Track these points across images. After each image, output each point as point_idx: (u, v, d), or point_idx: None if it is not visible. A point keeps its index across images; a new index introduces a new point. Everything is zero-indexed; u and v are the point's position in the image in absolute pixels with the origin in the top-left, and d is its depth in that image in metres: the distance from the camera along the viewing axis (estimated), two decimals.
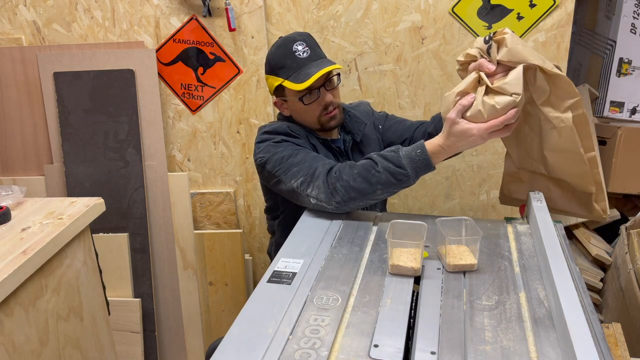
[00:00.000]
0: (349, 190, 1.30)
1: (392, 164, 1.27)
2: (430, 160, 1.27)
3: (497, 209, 2.18)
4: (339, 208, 1.33)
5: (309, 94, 1.46)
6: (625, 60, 2.34)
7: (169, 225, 2.14)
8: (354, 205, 1.33)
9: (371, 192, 1.29)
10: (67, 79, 2.04)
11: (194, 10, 1.99)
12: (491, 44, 1.20)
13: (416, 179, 1.29)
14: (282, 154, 1.42)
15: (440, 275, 1.11)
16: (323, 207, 1.34)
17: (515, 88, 1.18)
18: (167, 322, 2.21)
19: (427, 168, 1.28)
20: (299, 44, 1.46)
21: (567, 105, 1.23)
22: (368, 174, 1.29)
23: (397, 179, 1.27)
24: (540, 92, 1.22)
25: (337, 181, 1.31)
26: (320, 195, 1.33)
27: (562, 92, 1.21)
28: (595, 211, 1.39)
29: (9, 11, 2.04)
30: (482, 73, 1.22)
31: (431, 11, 1.93)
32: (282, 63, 1.46)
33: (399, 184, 1.28)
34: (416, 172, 1.27)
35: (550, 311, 0.97)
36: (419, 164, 1.27)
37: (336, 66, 1.45)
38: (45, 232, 1.25)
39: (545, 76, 1.20)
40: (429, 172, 1.30)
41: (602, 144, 2.42)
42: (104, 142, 2.07)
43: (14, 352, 1.11)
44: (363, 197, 1.30)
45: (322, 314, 0.97)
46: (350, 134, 1.60)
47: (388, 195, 1.35)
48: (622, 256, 2.04)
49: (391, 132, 1.66)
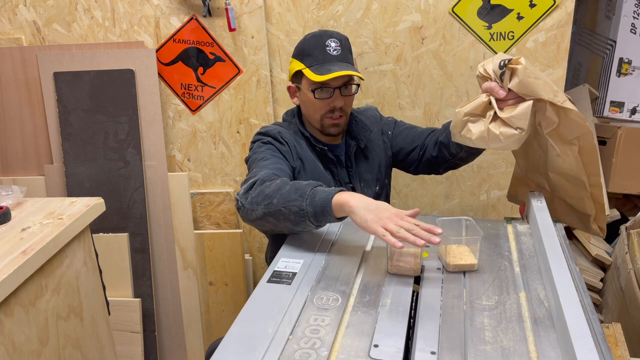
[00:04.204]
0: (259, 194, 1.26)
1: (309, 183, 1.23)
2: (332, 195, 1.17)
3: (497, 209, 2.18)
4: (241, 211, 1.29)
5: (322, 90, 1.46)
6: (625, 60, 2.34)
7: (169, 225, 2.14)
8: (254, 214, 1.26)
9: (269, 198, 1.23)
10: (67, 79, 2.04)
11: (194, 10, 1.99)
12: (505, 71, 1.19)
13: (310, 207, 1.18)
14: (259, 155, 1.44)
15: (440, 275, 1.11)
16: (237, 205, 1.31)
17: (521, 122, 1.18)
18: (167, 322, 2.21)
19: (325, 201, 1.17)
20: (333, 40, 1.47)
21: (574, 137, 1.21)
22: (283, 184, 1.25)
23: (296, 195, 1.20)
24: (548, 121, 1.21)
25: (260, 185, 1.28)
26: (241, 191, 1.31)
27: (572, 124, 1.19)
28: (593, 230, 1.41)
29: (9, 11, 2.04)
30: (493, 98, 1.22)
31: (431, 11, 1.93)
32: (310, 51, 1.47)
33: (294, 202, 1.19)
34: (312, 198, 1.18)
35: (550, 311, 0.97)
36: (322, 193, 1.19)
37: (359, 74, 1.45)
38: (45, 232, 1.25)
39: (555, 108, 1.18)
40: (329, 218, 1.19)
41: (602, 144, 2.42)
42: (104, 142, 2.07)
43: (14, 352, 1.11)
44: (263, 204, 1.24)
45: (322, 314, 0.97)
46: (355, 139, 1.60)
47: (284, 224, 1.24)
48: (622, 256, 2.04)
49: (401, 139, 1.65)
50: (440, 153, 1.56)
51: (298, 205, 1.19)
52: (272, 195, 1.23)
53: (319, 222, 1.20)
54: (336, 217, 1.18)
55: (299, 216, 1.19)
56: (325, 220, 1.20)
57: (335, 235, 1.29)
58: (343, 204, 1.15)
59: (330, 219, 1.19)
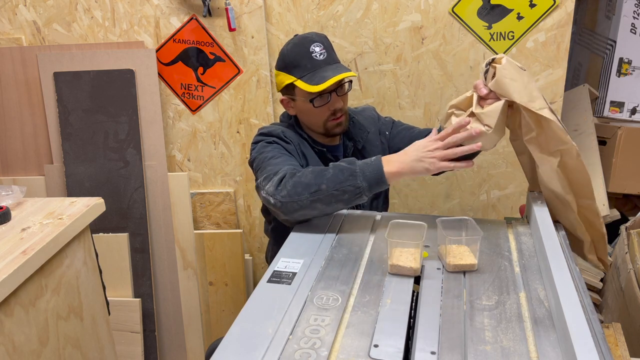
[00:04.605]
0: (296, 185, 1.27)
1: (344, 162, 1.28)
2: (382, 166, 1.24)
3: (497, 209, 2.18)
4: (283, 206, 1.28)
5: (319, 97, 1.45)
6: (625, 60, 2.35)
7: (169, 225, 2.14)
8: (298, 205, 1.27)
9: (315, 186, 1.25)
10: (67, 79, 2.04)
11: (194, 10, 1.99)
12: (488, 69, 1.19)
13: (365, 182, 1.24)
14: (267, 154, 1.43)
15: (440, 275, 1.11)
16: (269, 202, 1.32)
17: (489, 120, 1.18)
18: (167, 322, 2.21)
19: (378, 174, 1.24)
20: (317, 45, 1.45)
21: (554, 150, 1.18)
22: (320, 170, 1.28)
23: (345, 175, 1.25)
24: (527, 129, 1.19)
25: (291, 178, 1.29)
26: (270, 188, 1.31)
27: (552, 135, 1.16)
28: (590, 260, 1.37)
29: (9, 11, 2.04)
30: (475, 94, 1.22)
31: (431, 11, 1.93)
32: (297, 62, 1.44)
33: (346, 182, 1.24)
34: (364, 174, 1.24)
35: (550, 311, 0.97)
36: (370, 167, 1.25)
37: (352, 73, 1.44)
38: (45, 232, 1.25)
39: (532, 115, 1.15)
40: (383, 187, 1.26)
41: (602, 144, 2.42)
42: (104, 142, 2.07)
43: (14, 352, 1.11)
44: (307, 193, 1.26)
45: (322, 314, 0.97)
46: (352, 140, 1.60)
47: (335, 205, 1.28)
48: (622, 256, 2.04)
49: (399, 139, 1.65)
50: None
51: (352, 184, 1.25)
52: (315, 183, 1.26)
53: (372, 193, 1.28)
54: (389, 184, 1.27)
55: (354, 194, 1.26)
56: (379, 190, 1.28)
57: (335, 235, 1.29)
58: (395, 172, 1.25)
59: (385, 187, 1.27)
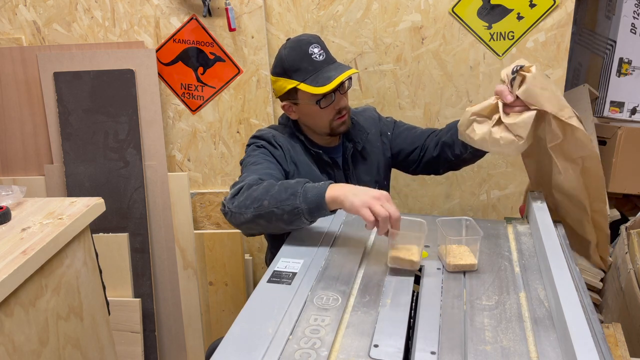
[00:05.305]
0: (247, 198, 1.25)
1: (295, 181, 1.24)
2: (325, 190, 1.18)
3: (497, 209, 2.18)
4: (229, 216, 1.28)
5: (325, 98, 1.44)
6: (625, 60, 2.35)
7: (169, 225, 2.14)
8: (243, 217, 1.25)
9: (259, 201, 1.23)
10: (67, 79, 2.04)
11: (194, 10, 1.99)
12: (515, 77, 1.18)
13: (304, 204, 1.19)
14: (252, 159, 1.43)
15: (440, 275, 1.11)
16: (223, 210, 1.31)
17: (521, 131, 1.17)
18: (167, 322, 2.21)
19: (319, 197, 1.18)
20: (315, 46, 1.44)
21: (578, 156, 1.20)
22: (269, 185, 1.25)
23: (287, 194, 1.20)
24: (552, 136, 1.19)
25: (247, 189, 1.27)
26: (228, 195, 1.30)
27: (577, 142, 1.18)
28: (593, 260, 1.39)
29: (9, 11, 2.04)
30: (500, 102, 1.21)
31: (431, 11, 1.93)
32: (298, 65, 1.43)
33: (287, 201, 1.20)
34: (305, 195, 1.19)
35: (550, 311, 0.97)
36: (314, 190, 1.19)
37: (355, 70, 1.44)
38: (45, 232, 1.25)
39: (560, 124, 1.17)
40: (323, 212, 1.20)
41: (602, 144, 2.42)
42: (104, 142, 2.07)
43: (14, 352, 1.11)
44: (252, 207, 1.23)
45: (322, 314, 0.97)
46: (352, 141, 1.59)
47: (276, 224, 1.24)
48: (622, 256, 2.04)
49: (401, 140, 1.65)
50: (442, 153, 1.55)
51: (291, 204, 1.20)
52: (261, 198, 1.23)
53: (313, 217, 1.22)
54: (330, 210, 1.20)
55: (293, 215, 1.20)
56: (319, 215, 1.22)
57: (335, 235, 1.29)
58: (335, 197, 1.17)
59: (324, 213, 1.21)
